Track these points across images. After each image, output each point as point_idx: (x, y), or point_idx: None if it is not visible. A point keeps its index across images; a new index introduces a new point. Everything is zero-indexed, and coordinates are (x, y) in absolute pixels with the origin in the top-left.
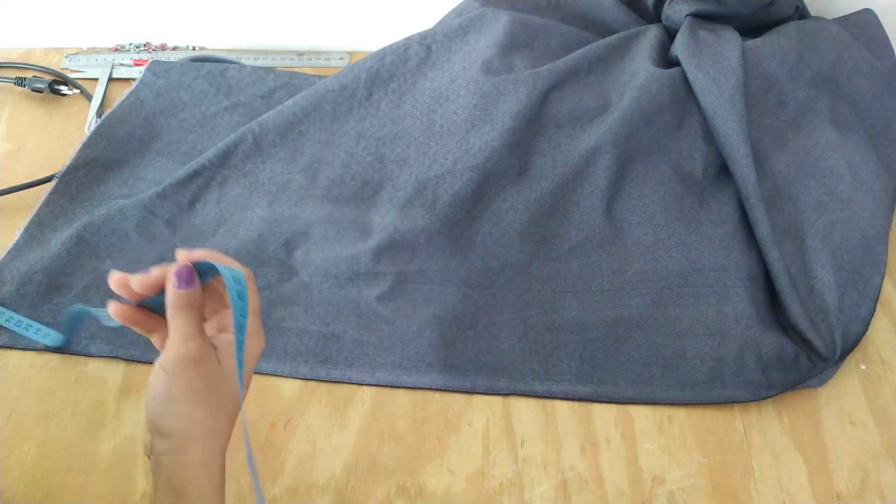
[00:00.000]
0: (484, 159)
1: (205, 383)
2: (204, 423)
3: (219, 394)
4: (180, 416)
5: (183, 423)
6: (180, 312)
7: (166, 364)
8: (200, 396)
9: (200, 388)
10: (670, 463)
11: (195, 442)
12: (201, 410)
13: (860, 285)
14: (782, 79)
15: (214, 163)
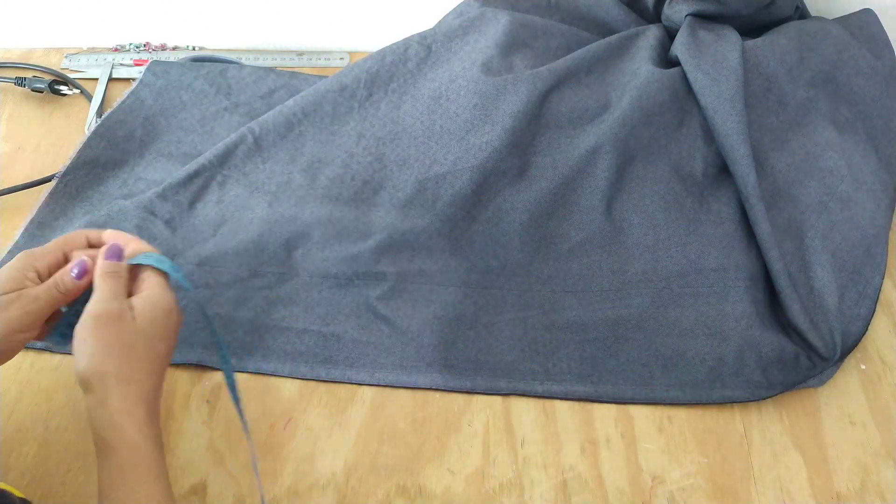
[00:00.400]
0: (484, 159)
1: (118, 338)
2: (118, 373)
3: (133, 347)
4: (97, 367)
5: (98, 373)
6: (105, 278)
7: (87, 320)
8: (114, 350)
9: (113, 342)
10: (670, 463)
11: (112, 391)
12: (114, 361)
13: (860, 285)
14: (782, 79)
15: (214, 163)
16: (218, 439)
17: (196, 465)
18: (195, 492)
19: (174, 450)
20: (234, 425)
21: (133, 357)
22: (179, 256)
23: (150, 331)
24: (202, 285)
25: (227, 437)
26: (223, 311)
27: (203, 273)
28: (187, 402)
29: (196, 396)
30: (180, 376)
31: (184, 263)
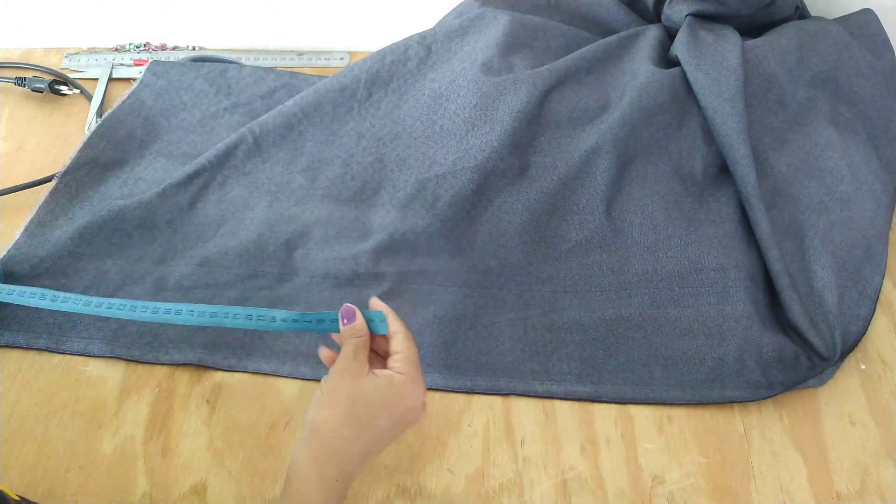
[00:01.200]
0: (484, 159)
1: (346, 393)
2: (326, 423)
3: (353, 405)
4: (315, 414)
5: (313, 420)
6: (345, 340)
7: (329, 374)
8: (333, 401)
9: (339, 396)
10: (670, 463)
11: (315, 439)
12: (327, 412)
13: (860, 285)
14: (782, 79)
15: (215, 163)
16: (218, 439)
17: (196, 465)
18: (195, 492)
19: (174, 450)
20: (234, 425)
21: (348, 415)
22: (180, 256)
23: (377, 400)
24: (202, 285)
25: (227, 437)
26: None
27: (203, 273)
28: (187, 402)
29: (196, 396)
30: (180, 376)
31: (184, 263)
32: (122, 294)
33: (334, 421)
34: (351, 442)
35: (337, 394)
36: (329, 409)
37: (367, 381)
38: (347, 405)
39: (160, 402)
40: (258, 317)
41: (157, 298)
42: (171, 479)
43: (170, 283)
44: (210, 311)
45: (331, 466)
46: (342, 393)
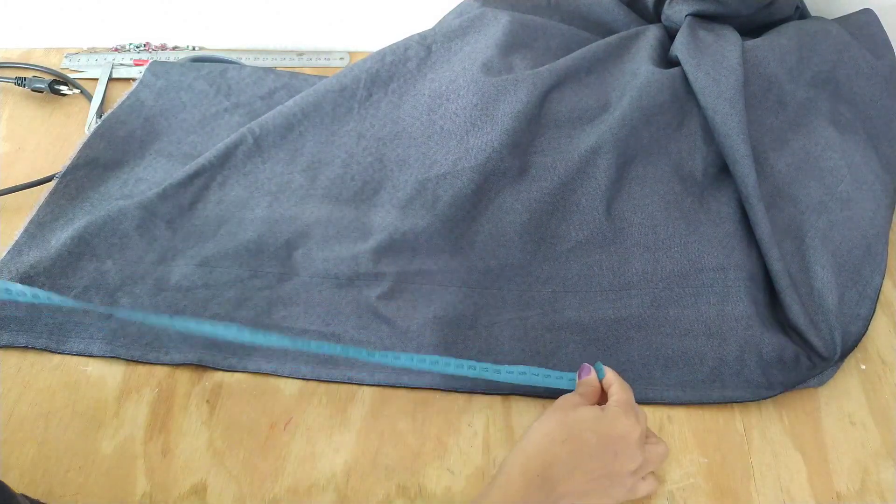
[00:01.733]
0: (484, 160)
1: (565, 410)
2: (526, 444)
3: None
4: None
5: (523, 441)
6: (578, 388)
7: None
8: (544, 425)
9: (551, 425)
10: (670, 463)
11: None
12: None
13: (860, 285)
14: (782, 79)
15: (215, 163)
16: (218, 439)
17: (196, 465)
18: (195, 492)
19: (174, 450)
20: (234, 425)
21: (561, 422)
22: (180, 256)
23: (588, 418)
24: (202, 285)
25: (227, 437)
26: (223, 312)
27: (204, 273)
28: (187, 402)
29: (196, 396)
30: (180, 376)
31: (184, 264)
32: (121, 294)
33: (548, 424)
34: (558, 444)
35: (556, 409)
36: (546, 417)
37: (585, 408)
38: (561, 415)
39: (160, 402)
40: (482, 369)
41: (157, 299)
42: (171, 479)
43: (170, 284)
44: (431, 360)
45: (536, 462)
46: (560, 408)
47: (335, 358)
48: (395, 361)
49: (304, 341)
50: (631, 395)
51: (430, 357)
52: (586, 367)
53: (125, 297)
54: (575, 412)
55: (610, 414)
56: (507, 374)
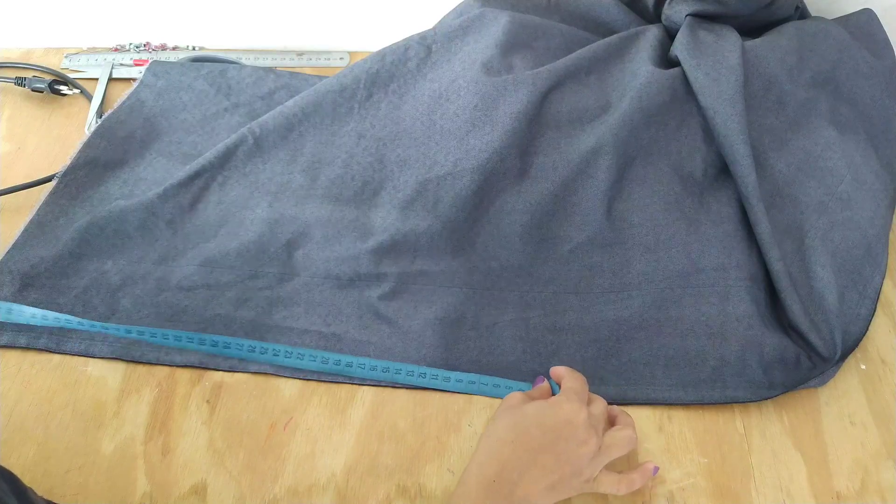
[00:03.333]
0: (485, 160)
1: (512, 410)
2: (484, 442)
3: (518, 423)
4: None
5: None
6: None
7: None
8: (499, 422)
9: (506, 412)
10: (670, 463)
11: (479, 450)
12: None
13: (860, 285)
14: (782, 79)
15: (215, 164)
16: (218, 439)
17: (196, 465)
18: (195, 492)
19: (174, 450)
20: (234, 425)
21: (508, 424)
22: (181, 256)
23: (532, 414)
24: (203, 286)
25: (227, 437)
26: (224, 312)
27: (204, 273)
28: (187, 402)
29: (196, 396)
30: (180, 376)
31: (185, 264)
32: (122, 294)
33: (496, 428)
34: (507, 445)
35: (502, 410)
36: (494, 421)
37: (529, 404)
38: (507, 416)
39: (160, 402)
40: (432, 376)
41: (157, 299)
42: (171, 479)
43: (171, 284)
44: (382, 367)
45: (489, 469)
46: (506, 409)
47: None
48: (347, 370)
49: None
50: (580, 383)
51: (382, 363)
52: (541, 377)
53: (126, 298)
54: (520, 410)
55: (553, 403)
56: (457, 383)
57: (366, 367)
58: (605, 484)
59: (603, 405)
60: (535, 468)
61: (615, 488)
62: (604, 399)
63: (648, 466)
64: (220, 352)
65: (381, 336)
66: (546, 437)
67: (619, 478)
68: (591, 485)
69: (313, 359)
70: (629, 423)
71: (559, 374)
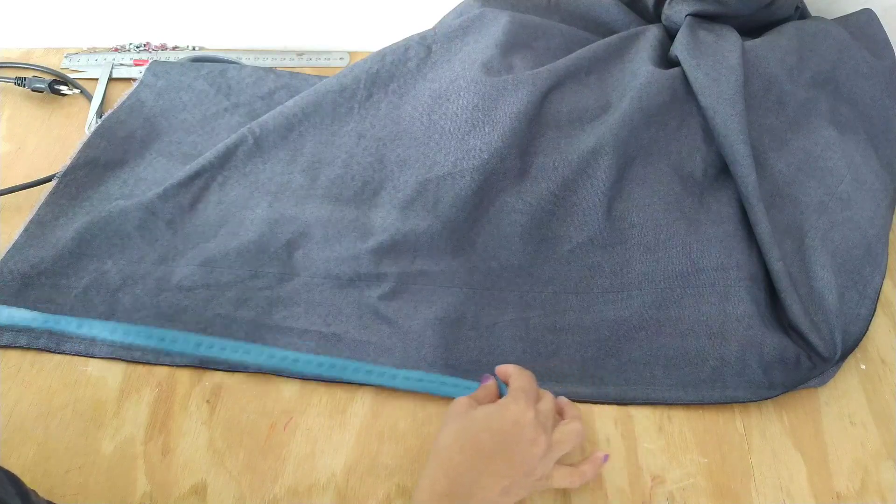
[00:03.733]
0: (485, 160)
1: (459, 419)
2: (435, 448)
3: (467, 432)
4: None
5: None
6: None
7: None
8: (446, 429)
9: (454, 422)
10: (670, 463)
11: (429, 460)
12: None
13: (860, 285)
14: (782, 79)
15: (215, 164)
16: (218, 439)
17: (196, 465)
18: (195, 492)
19: (174, 450)
20: (234, 425)
21: (455, 434)
22: (180, 256)
23: (480, 419)
24: (203, 286)
25: (227, 437)
26: (224, 312)
27: (204, 273)
28: (187, 402)
29: (196, 396)
30: (180, 376)
31: (185, 264)
32: (122, 294)
33: (444, 439)
34: (456, 455)
35: (449, 418)
36: (442, 432)
37: (476, 409)
38: (454, 425)
39: (160, 402)
40: (379, 373)
41: (157, 299)
42: (171, 479)
43: (171, 284)
44: (329, 363)
45: (441, 483)
46: (453, 417)
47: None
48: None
49: (293, 358)
50: (527, 381)
51: (329, 360)
52: (488, 375)
53: (126, 297)
54: (467, 417)
55: (500, 405)
56: (404, 381)
57: (312, 364)
58: (559, 479)
59: (551, 401)
60: (487, 475)
61: (569, 481)
62: (551, 393)
63: (598, 455)
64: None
65: (382, 336)
66: (496, 441)
67: (571, 471)
68: (544, 482)
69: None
70: (576, 416)
71: (506, 372)
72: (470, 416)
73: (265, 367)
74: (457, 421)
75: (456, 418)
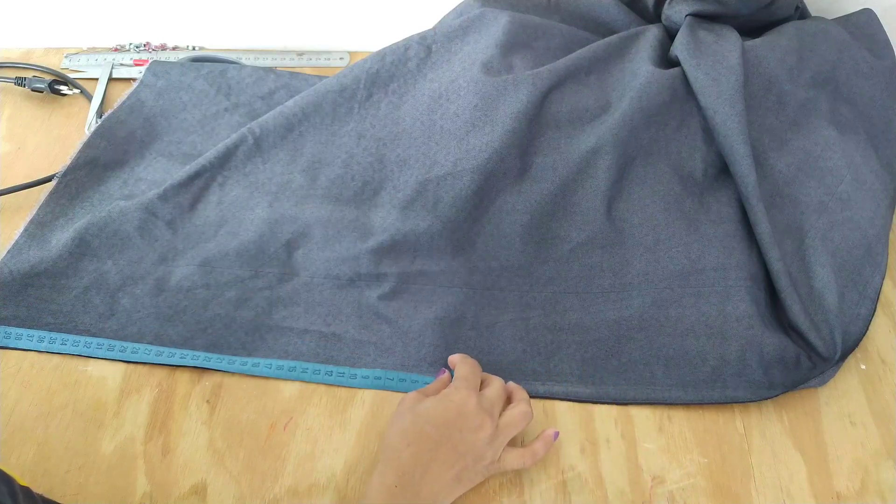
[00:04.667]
0: (485, 160)
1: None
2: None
3: (414, 426)
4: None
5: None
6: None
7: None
8: (395, 419)
9: (400, 417)
10: (670, 463)
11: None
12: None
13: (860, 285)
14: (782, 79)
15: (215, 164)
16: (218, 439)
17: (196, 465)
18: (195, 492)
19: (174, 450)
20: (234, 425)
21: (402, 429)
22: (180, 257)
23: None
24: (203, 286)
25: (227, 437)
26: (224, 312)
27: (204, 273)
28: (187, 402)
29: (196, 396)
30: (180, 376)
31: (185, 264)
32: (122, 294)
33: (392, 434)
34: (404, 449)
35: (397, 415)
36: (389, 427)
37: (422, 402)
38: (401, 421)
39: (160, 402)
40: (338, 374)
41: (157, 299)
42: (171, 479)
43: (170, 284)
44: (289, 366)
45: (390, 476)
46: (401, 413)
47: (335, 357)
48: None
49: (290, 368)
50: (469, 369)
51: (300, 364)
52: (443, 369)
53: (125, 298)
54: (413, 411)
55: (442, 396)
56: (363, 380)
57: (272, 367)
58: (510, 461)
59: (498, 387)
60: (435, 464)
61: (521, 462)
62: (500, 379)
63: (549, 433)
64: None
65: (382, 336)
66: (441, 431)
67: (521, 452)
68: (496, 465)
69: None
70: (523, 398)
71: (453, 361)
72: (415, 411)
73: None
74: (404, 416)
75: (404, 413)
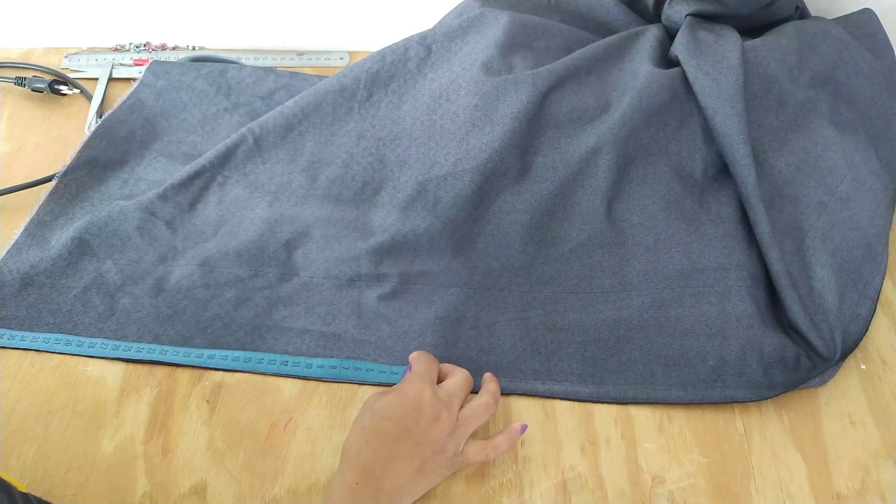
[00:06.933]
0: (485, 160)
1: (364, 414)
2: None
3: (372, 423)
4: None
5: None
6: None
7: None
8: (360, 421)
9: (361, 417)
10: (670, 463)
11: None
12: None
13: (860, 285)
14: (782, 79)
15: (215, 164)
16: (218, 439)
17: (196, 465)
18: (195, 492)
19: (174, 450)
20: (234, 425)
21: (361, 427)
22: (180, 256)
23: (379, 409)
24: (202, 285)
25: (227, 436)
26: (223, 311)
27: (204, 273)
28: (187, 402)
29: (196, 396)
30: (180, 376)
31: (185, 264)
32: (122, 294)
33: (352, 435)
34: (363, 446)
35: (359, 416)
36: (353, 426)
37: (381, 400)
38: (361, 421)
39: (160, 402)
40: (293, 363)
41: (157, 299)
42: (171, 479)
43: (170, 284)
44: (244, 357)
45: (351, 473)
46: (362, 414)
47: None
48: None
49: (295, 363)
50: (424, 364)
51: (256, 355)
52: (407, 368)
53: (125, 297)
54: (371, 409)
55: (398, 391)
56: (318, 369)
57: (227, 359)
58: (473, 453)
59: (458, 378)
60: (396, 459)
61: (483, 455)
62: (466, 371)
63: (515, 426)
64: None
65: (381, 335)
66: (398, 425)
67: (484, 444)
68: (460, 458)
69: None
70: (488, 390)
71: (412, 359)
72: (373, 409)
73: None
74: (364, 415)
75: (363, 412)
